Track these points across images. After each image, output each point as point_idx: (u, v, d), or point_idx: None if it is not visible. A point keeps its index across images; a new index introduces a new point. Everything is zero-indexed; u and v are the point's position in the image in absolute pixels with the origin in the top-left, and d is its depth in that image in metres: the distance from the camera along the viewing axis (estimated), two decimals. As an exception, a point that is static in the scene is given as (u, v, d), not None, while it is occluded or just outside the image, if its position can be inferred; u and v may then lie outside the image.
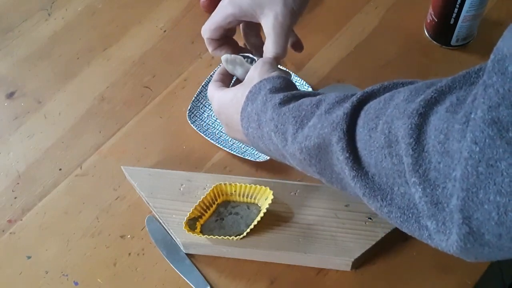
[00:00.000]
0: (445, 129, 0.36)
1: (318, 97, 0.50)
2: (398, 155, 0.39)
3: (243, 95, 0.56)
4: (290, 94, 0.53)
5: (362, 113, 0.44)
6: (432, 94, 0.39)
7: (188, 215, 0.63)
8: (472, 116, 0.33)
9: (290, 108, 0.50)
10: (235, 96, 0.58)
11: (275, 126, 0.51)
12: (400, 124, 0.39)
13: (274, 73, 0.57)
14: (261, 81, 0.55)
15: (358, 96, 0.46)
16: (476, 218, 0.34)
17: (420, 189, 0.37)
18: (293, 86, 0.56)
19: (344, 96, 0.48)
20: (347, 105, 0.45)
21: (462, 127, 0.35)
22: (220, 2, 0.63)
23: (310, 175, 0.53)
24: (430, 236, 0.39)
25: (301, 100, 0.51)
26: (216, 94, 0.61)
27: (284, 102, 0.52)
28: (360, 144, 0.43)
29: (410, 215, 0.40)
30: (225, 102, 0.59)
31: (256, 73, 0.58)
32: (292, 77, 0.68)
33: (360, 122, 0.44)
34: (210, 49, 0.65)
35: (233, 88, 0.59)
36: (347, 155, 0.43)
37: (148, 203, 0.68)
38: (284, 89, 0.54)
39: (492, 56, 0.33)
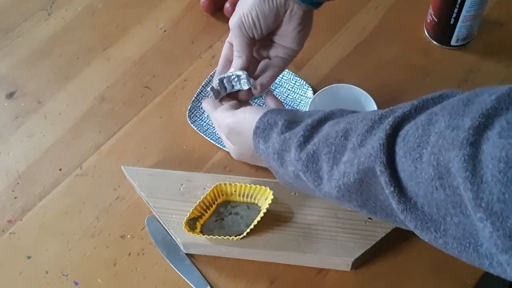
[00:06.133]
0: (504, 157, 0.34)
1: (342, 125, 0.48)
2: (452, 186, 0.38)
3: (249, 133, 0.56)
4: (309, 127, 0.51)
5: (399, 141, 0.42)
6: (479, 120, 0.37)
7: (188, 215, 0.63)
8: None
9: (317, 145, 0.49)
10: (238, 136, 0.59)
11: (305, 166, 0.50)
12: (452, 156, 0.37)
13: (267, 108, 0.57)
14: (265, 114, 0.56)
15: (391, 122, 0.44)
16: None
17: (489, 224, 0.35)
18: (293, 110, 0.56)
19: (372, 122, 0.46)
20: (380, 135, 0.43)
21: None
22: None
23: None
24: (492, 264, 0.37)
25: (325, 132, 0.50)
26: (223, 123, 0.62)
27: (306, 139, 0.50)
28: (404, 175, 0.41)
29: (468, 244, 0.39)
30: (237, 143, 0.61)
31: (247, 112, 0.59)
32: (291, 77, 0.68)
33: (400, 151, 0.42)
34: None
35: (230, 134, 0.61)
36: (392, 188, 0.42)
37: (148, 203, 0.68)
38: (291, 117, 0.54)
39: None
